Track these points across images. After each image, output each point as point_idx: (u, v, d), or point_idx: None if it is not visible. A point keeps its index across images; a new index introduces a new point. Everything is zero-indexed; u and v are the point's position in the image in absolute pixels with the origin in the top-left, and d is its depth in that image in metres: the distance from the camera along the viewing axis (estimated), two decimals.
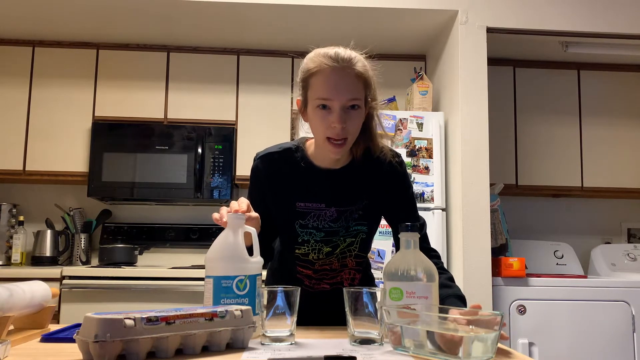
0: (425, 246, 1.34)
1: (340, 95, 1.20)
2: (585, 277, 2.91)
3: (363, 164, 1.34)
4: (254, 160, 1.38)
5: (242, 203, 1.17)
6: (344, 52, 1.23)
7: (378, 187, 1.36)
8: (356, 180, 1.34)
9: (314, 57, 1.24)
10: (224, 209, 1.15)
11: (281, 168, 1.34)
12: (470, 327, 0.86)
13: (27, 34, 3.12)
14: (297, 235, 1.34)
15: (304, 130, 1.33)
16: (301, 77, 1.27)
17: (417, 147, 2.76)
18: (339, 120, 1.20)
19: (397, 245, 1.31)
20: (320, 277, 1.37)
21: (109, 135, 3.05)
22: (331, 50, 1.23)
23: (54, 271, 2.69)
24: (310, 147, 1.36)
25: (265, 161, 1.35)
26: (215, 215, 1.14)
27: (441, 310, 1.02)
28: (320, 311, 1.32)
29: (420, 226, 1.37)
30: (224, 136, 3.10)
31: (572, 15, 2.80)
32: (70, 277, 2.67)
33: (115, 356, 0.81)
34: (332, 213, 1.33)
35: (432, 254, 1.34)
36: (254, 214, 1.19)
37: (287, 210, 1.34)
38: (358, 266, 1.38)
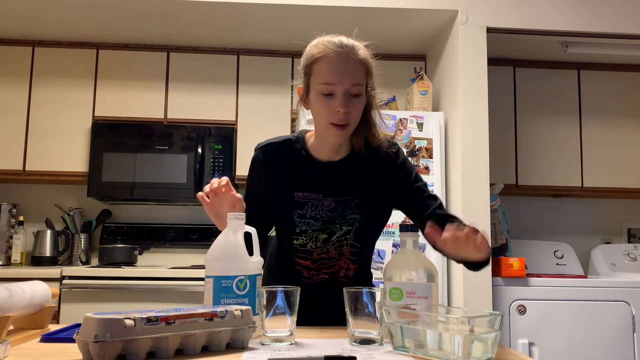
0: (443, 213, 1.35)
1: (344, 81, 1.22)
2: (585, 277, 2.90)
3: (360, 156, 1.36)
4: (255, 150, 1.40)
5: (223, 180, 1.26)
6: (346, 39, 1.27)
7: (375, 178, 1.37)
8: (353, 172, 1.36)
9: (318, 44, 1.27)
10: (207, 186, 1.26)
11: (281, 159, 1.37)
12: (471, 327, 0.86)
13: (27, 34, 3.12)
14: (295, 225, 1.35)
15: (305, 122, 1.35)
16: (304, 63, 1.29)
17: (417, 147, 2.76)
18: (342, 105, 1.22)
19: (424, 222, 1.29)
20: (319, 267, 1.38)
21: (109, 135, 3.05)
22: (335, 38, 1.26)
23: (54, 271, 2.69)
24: (310, 138, 1.38)
25: (265, 152, 1.38)
26: (200, 193, 1.26)
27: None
28: (320, 305, 1.32)
29: (434, 197, 1.39)
30: (224, 136, 3.10)
31: (572, 15, 2.80)
32: (70, 277, 2.67)
33: (115, 356, 0.81)
34: (330, 203, 1.34)
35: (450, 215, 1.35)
36: (237, 195, 1.28)
37: (285, 200, 1.35)
38: (353, 256, 1.38)
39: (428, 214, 1.33)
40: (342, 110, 1.22)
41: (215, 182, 1.25)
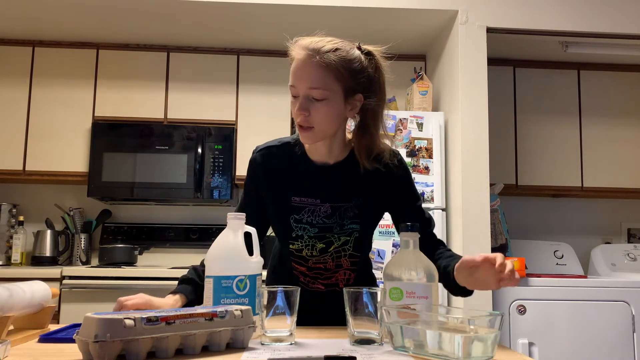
0: (434, 240, 1.36)
1: (300, 83, 1.23)
2: (585, 277, 2.90)
3: (359, 162, 1.33)
4: (253, 152, 1.39)
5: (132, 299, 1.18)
6: (318, 41, 1.23)
7: (375, 188, 1.35)
8: (350, 177, 1.34)
9: (293, 46, 1.28)
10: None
11: (279, 162, 1.36)
12: (471, 327, 0.86)
13: (27, 34, 3.12)
14: (291, 229, 1.34)
15: None
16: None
17: (417, 147, 2.76)
18: (298, 108, 1.23)
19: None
20: (315, 275, 1.37)
21: (109, 135, 3.05)
22: (307, 40, 1.25)
23: (54, 271, 2.69)
24: None
25: (264, 154, 1.37)
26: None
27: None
28: (315, 310, 1.32)
29: (428, 221, 1.38)
30: (224, 136, 3.10)
31: (572, 15, 2.80)
32: (70, 277, 2.67)
33: (115, 356, 0.81)
34: (327, 209, 1.32)
35: (440, 247, 1.35)
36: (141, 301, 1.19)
37: (282, 205, 1.34)
38: (353, 266, 1.38)
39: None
40: (297, 112, 1.23)
41: (120, 301, 1.18)
